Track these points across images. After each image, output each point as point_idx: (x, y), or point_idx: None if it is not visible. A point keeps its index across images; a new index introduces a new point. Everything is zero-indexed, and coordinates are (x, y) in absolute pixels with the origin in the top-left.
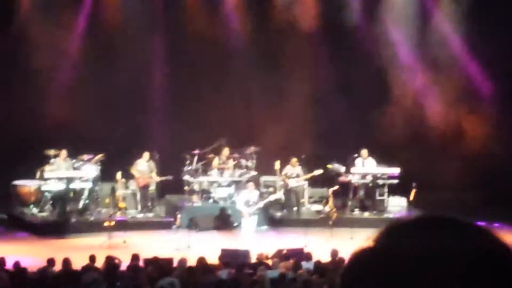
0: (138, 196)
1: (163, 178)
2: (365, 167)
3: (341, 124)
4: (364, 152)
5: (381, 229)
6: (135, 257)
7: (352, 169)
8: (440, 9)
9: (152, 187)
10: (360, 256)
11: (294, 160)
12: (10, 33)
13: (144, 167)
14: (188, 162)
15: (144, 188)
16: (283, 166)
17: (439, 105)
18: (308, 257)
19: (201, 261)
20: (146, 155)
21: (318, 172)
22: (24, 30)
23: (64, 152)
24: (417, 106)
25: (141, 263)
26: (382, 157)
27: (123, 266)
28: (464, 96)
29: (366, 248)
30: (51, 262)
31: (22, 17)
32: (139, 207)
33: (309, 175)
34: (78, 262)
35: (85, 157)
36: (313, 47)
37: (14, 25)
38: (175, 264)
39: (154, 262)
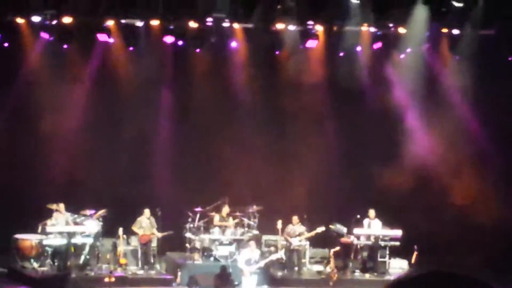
0: (139, 252)
1: (165, 233)
2: (371, 228)
3: (344, 184)
4: (372, 212)
5: (389, 284)
6: None
7: (355, 230)
8: (448, 72)
9: (154, 244)
10: None
11: (295, 218)
12: (15, 86)
13: (146, 224)
14: (190, 219)
15: (146, 244)
16: (285, 225)
17: (444, 168)
18: None
19: None
20: (147, 211)
21: (320, 229)
22: (29, 84)
23: (62, 206)
24: (422, 168)
25: None
26: (385, 219)
27: None
28: (469, 160)
29: None
30: None
31: (29, 70)
32: (140, 263)
33: (311, 233)
34: None
35: (87, 212)
36: (319, 107)
37: (20, 79)
38: None
39: None
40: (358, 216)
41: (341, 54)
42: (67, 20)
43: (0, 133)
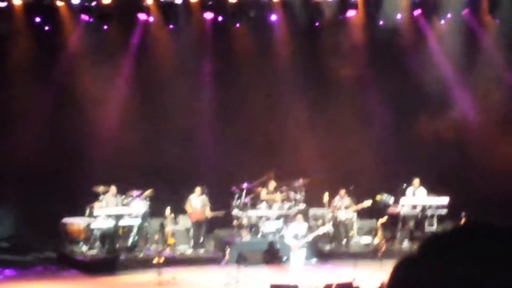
0: (191, 232)
1: (216, 213)
2: (416, 196)
3: (390, 154)
4: (416, 181)
5: (426, 238)
6: None
7: (402, 200)
8: (489, 35)
9: (204, 222)
10: (404, 268)
11: (343, 191)
12: (61, 67)
13: (197, 203)
14: (237, 196)
15: (198, 223)
16: (331, 198)
17: (488, 132)
18: None
19: None
20: (198, 190)
21: (367, 203)
22: (73, 64)
23: (113, 188)
24: (466, 133)
25: None
26: (432, 186)
27: None
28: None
29: (410, 258)
30: None
31: (70, 52)
32: (191, 243)
33: (358, 206)
34: None
35: (134, 193)
36: (361, 76)
37: (62, 62)
38: None
39: None
40: (405, 186)
41: (381, 22)
42: (106, 0)
43: (45, 117)
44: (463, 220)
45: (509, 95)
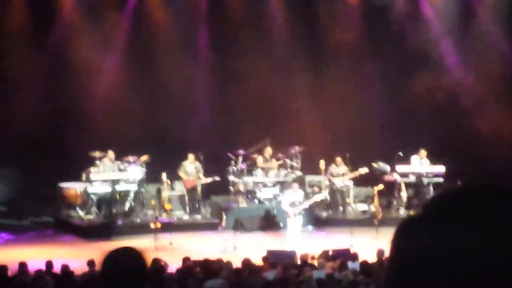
0: (186, 198)
1: (211, 179)
2: (421, 166)
3: (386, 122)
4: (423, 152)
5: (430, 199)
6: (186, 260)
7: (398, 168)
8: (484, 6)
9: (199, 189)
10: (407, 231)
11: (338, 159)
12: (55, 32)
13: (191, 169)
14: (233, 162)
15: (192, 189)
16: (328, 165)
17: (483, 103)
18: (354, 257)
19: (247, 262)
20: (191, 156)
21: (364, 170)
22: (68, 29)
23: (111, 153)
24: (463, 105)
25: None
26: (429, 155)
27: (170, 268)
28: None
29: (412, 221)
30: (91, 263)
31: (66, 17)
32: (187, 208)
33: (355, 173)
34: None
35: (130, 158)
36: (358, 46)
37: (59, 24)
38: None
39: (201, 264)
40: (401, 154)
41: None
42: None
43: (41, 84)
44: None
45: (504, 64)
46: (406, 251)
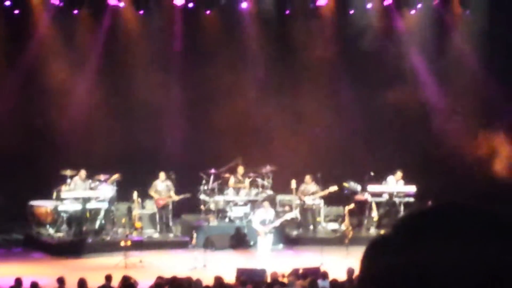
0: (157, 216)
1: (182, 196)
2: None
3: (358, 143)
4: (399, 174)
5: (399, 218)
6: (159, 279)
7: (369, 187)
8: (459, 28)
9: (170, 207)
10: (376, 250)
11: (308, 177)
12: (29, 51)
13: (162, 187)
14: (204, 181)
15: (163, 208)
16: (299, 185)
17: (457, 124)
18: (324, 275)
19: (218, 280)
20: (162, 175)
21: (334, 188)
22: (42, 48)
23: (82, 173)
24: (435, 125)
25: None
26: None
27: (141, 286)
28: (482, 114)
29: (381, 241)
30: (61, 281)
31: (40, 37)
32: (158, 227)
33: (324, 192)
34: (95, 282)
35: (101, 177)
36: (331, 66)
37: (33, 44)
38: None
39: (171, 282)
40: (372, 173)
41: (351, 12)
42: None
43: (14, 101)
44: None
45: (476, 85)
46: (376, 270)
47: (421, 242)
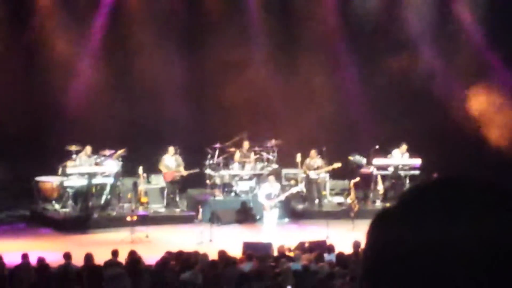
0: (166, 191)
1: (191, 171)
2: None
3: (363, 116)
4: (404, 146)
5: (405, 191)
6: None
7: (374, 161)
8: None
9: (179, 181)
10: (382, 224)
11: (313, 152)
12: (32, 27)
13: (171, 162)
14: (209, 156)
15: (172, 182)
16: (304, 158)
17: (460, 95)
18: (330, 249)
19: (222, 254)
20: (171, 149)
21: (337, 165)
22: (45, 24)
23: (88, 148)
24: (439, 97)
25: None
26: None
27: (147, 261)
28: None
29: (387, 214)
30: (67, 256)
31: (43, 11)
32: (165, 202)
33: (329, 167)
34: (101, 257)
35: (107, 152)
36: (334, 40)
37: (36, 19)
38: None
39: (177, 256)
40: (377, 147)
41: None
42: None
43: (18, 78)
44: None
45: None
46: (382, 243)
47: (426, 215)
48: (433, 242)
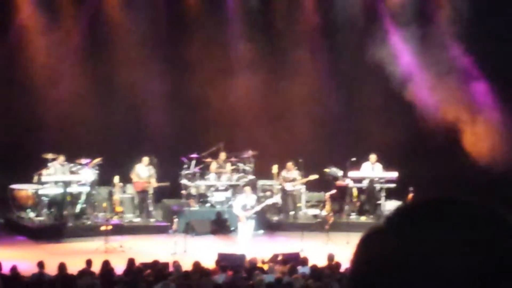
0: (136, 200)
1: (161, 184)
2: (373, 171)
3: (339, 128)
4: (373, 157)
5: (394, 209)
6: (130, 262)
7: (350, 173)
8: (441, 12)
9: (150, 192)
10: (370, 241)
11: (290, 164)
12: (10, 35)
13: (144, 172)
14: (185, 166)
15: (142, 192)
16: (280, 170)
17: (438, 109)
18: (304, 261)
19: (197, 265)
20: (146, 159)
21: (314, 177)
22: (23, 33)
23: (61, 158)
24: (416, 109)
25: (137, 267)
26: (381, 162)
27: (119, 271)
28: (463, 100)
29: (376, 231)
30: (41, 265)
31: (22, 21)
32: (137, 211)
33: (305, 179)
34: (75, 267)
35: (83, 161)
36: (313, 50)
37: (14, 28)
38: (171, 268)
39: (151, 266)
40: (353, 159)
41: None
42: None
43: None
44: (410, 195)
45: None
46: (370, 262)
47: (414, 234)
48: (421, 259)
